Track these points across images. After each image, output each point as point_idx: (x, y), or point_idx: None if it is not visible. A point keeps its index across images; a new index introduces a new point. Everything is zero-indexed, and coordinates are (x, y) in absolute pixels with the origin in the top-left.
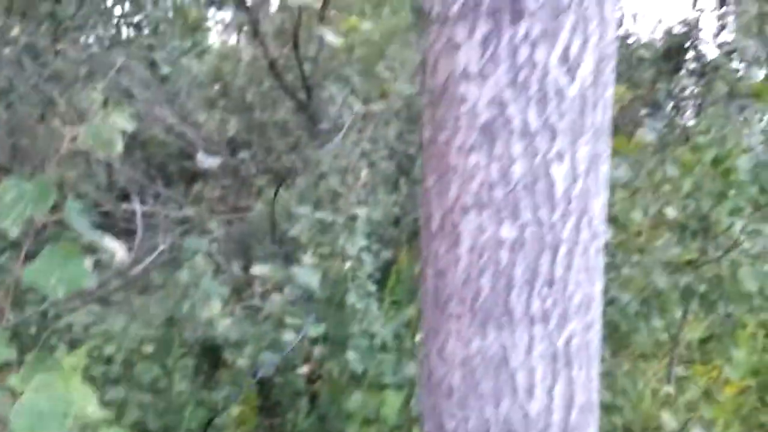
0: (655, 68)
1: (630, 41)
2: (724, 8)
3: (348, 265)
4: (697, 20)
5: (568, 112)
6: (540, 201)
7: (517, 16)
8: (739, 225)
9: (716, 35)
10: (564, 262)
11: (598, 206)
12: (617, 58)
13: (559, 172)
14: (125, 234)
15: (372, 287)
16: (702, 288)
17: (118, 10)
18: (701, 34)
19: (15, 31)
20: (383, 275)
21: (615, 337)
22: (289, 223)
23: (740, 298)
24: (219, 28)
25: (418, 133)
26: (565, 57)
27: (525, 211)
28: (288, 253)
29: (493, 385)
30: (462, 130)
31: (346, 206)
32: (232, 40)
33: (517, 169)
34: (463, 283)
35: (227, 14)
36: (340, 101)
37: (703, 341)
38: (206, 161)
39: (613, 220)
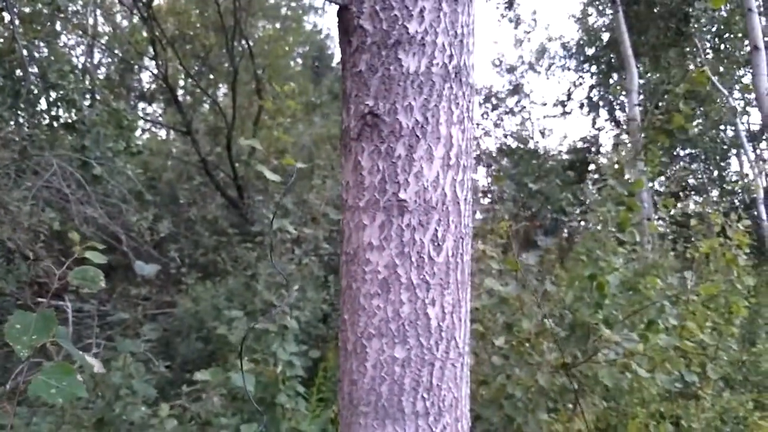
0: (561, 179)
1: (540, 152)
2: (619, 129)
3: (279, 368)
4: (596, 137)
5: (438, 273)
6: (420, 332)
7: (401, 211)
8: (607, 333)
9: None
10: (438, 374)
11: (461, 335)
12: (530, 168)
13: (433, 312)
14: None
15: (301, 388)
16: (573, 386)
17: (53, 111)
18: (601, 149)
19: None
20: (312, 372)
21: (510, 429)
22: (216, 321)
23: (618, 394)
24: (148, 123)
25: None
26: (434, 238)
27: (411, 339)
28: (213, 352)
29: None
30: (367, 283)
31: (278, 315)
32: (162, 133)
33: (405, 310)
34: (369, 389)
35: (158, 108)
36: (271, 213)
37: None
38: (145, 269)
39: (508, 327)
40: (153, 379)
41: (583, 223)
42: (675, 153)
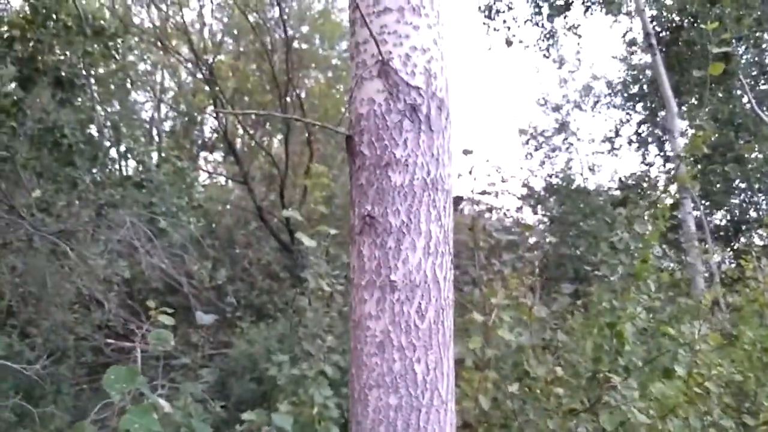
0: (610, 217)
1: (588, 190)
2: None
3: (315, 410)
4: (647, 172)
5: (422, 337)
6: (409, 384)
7: (393, 289)
8: (617, 379)
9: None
10: (424, 418)
11: (444, 386)
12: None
13: (419, 368)
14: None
15: (336, 429)
16: (582, 431)
17: (124, 171)
18: (651, 188)
19: (35, 192)
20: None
21: None
22: (268, 362)
23: None
24: (209, 171)
25: None
26: (418, 309)
27: (402, 389)
28: (265, 392)
29: None
30: (368, 344)
31: (316, 361)
32: (221, 179)
33: (397, 366)
34: (370, 429)
35: (218, 156)
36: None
37: None
38: (204, 319)
39: (525, 373)
40: (210, 419)
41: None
42: (732, 186)
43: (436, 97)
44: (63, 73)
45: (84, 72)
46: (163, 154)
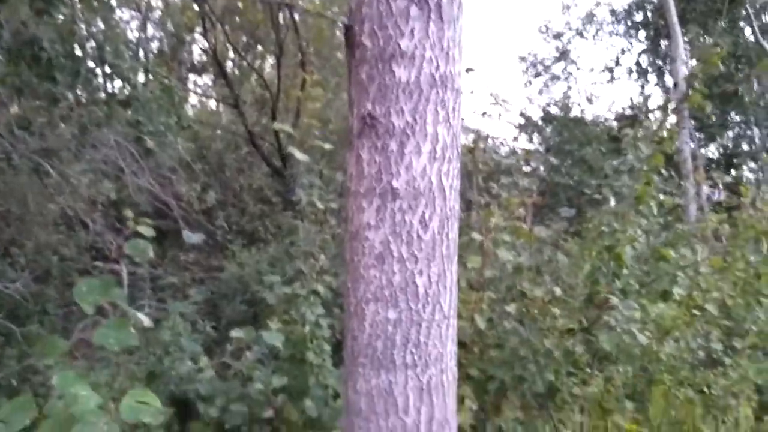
0: (605, 147)
1: (586, 120)
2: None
3: (307, 329)
4: (645, 103)
5: (425, 248)
6: (410, 297)
7: (394, 196)
8: (615, 300)
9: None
10: (425, 333)
11: (446, 300)
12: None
13: (420, 281)
14: None
15: (327, 347)
16: (579, 350)
17: (108, 88)
18: (650, 116)
19: (14, 108)
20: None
21: (520, 388)
22: (259, 285)
23: (628, 359)
24: (199, 93)
25: None
26: (422, 219)
27: (401, 303)
28: (256, 314)
29: (384, 407)
30: (366, 256)
31: (308, 281)
32: (212, 103)
33: (396, 279)
34: (366, 344)
35: (207, 80)
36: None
37: (628, 397)
38: (192, 238)
39: (522, 294)
40: (200, 338)
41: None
42: (728, 119)
43: None
44: None
45: None
46: (150, 76)
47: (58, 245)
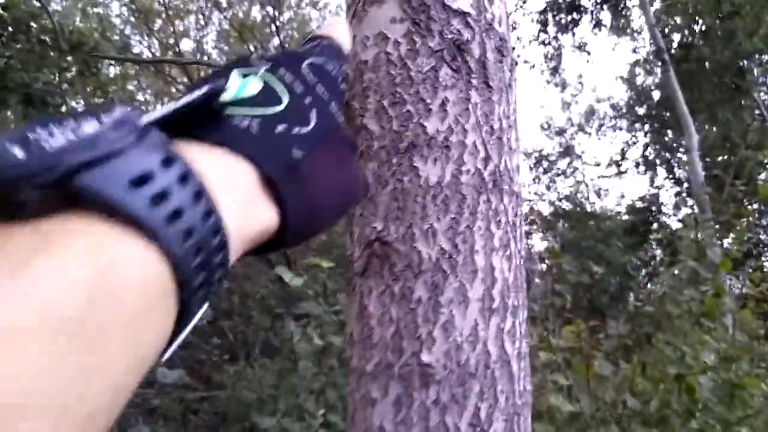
0: (622, 242)
1: (597, 214)
2: (680, 187)
3: None
4: (657, 196)
5: None
6: None
7: (425, 382)
8: None
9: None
10: None
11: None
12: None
13: None
14: None
15: None
16: None
17: None
18: (662, 208)
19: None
20: None
21: None
22: (259, 413)
23: None
24: None
25: None
26: (475, 421)
27: None
28: None
29: None
30: None
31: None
32: None
33: None
34: None
35: None
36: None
37: None
38: (168, 376)
39: None
40: None
41: (650, 286)
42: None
43: (495, 32)
44: (35, 92)
45: (59, 90)
46: None
47: None
